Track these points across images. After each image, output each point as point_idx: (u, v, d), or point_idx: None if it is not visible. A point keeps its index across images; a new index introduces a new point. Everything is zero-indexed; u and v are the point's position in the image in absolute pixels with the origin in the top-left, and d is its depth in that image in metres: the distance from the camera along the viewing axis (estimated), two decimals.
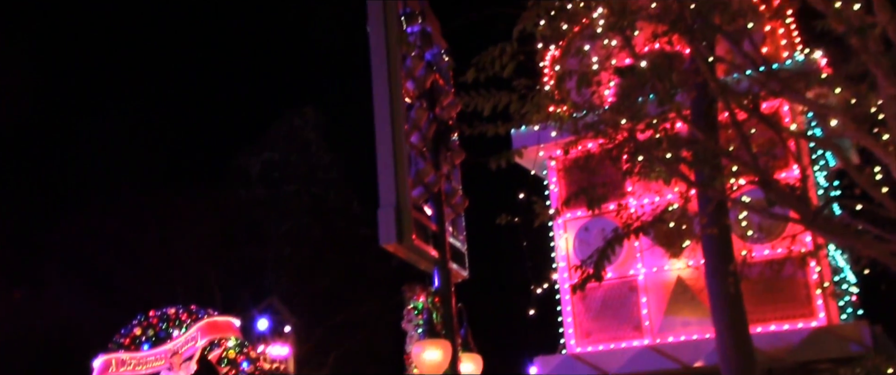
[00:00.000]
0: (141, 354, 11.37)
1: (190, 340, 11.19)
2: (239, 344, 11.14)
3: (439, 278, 9.53)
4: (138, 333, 11.64)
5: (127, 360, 11.37)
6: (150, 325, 11.67)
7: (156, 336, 11.50)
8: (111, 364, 11.53)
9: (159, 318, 11.63)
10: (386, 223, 8.87)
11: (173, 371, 9.54)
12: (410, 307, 10.22)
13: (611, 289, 12.33)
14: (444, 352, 9.04)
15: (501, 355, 24.36)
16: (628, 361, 11.80)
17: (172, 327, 11.50)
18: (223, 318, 11.64)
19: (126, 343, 11.64)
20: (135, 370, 11.31)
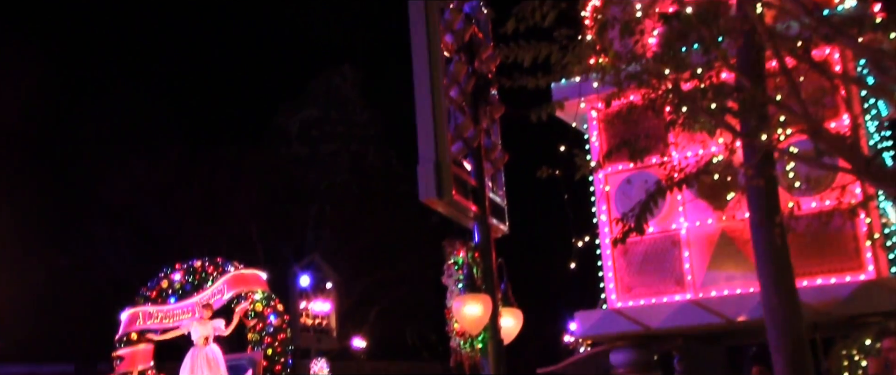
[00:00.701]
0: (167, 307, 11.23)
1: (216, 293, 10.91)
2: (266, 297, 10.93)
3: (479, 233, 9.52)
4: (165, 286, 11.54)
5: (154, 313, 11.22)
6: (177, 278, 11.59)
7: (182, 289, 11.15)
8: (138, 316, 11.35)
9: (186, 271, 11.48)
10: (426, 178, 8.87)
11: (202, 325, 9.50)
12: (451, 262, 10.20)
13: (653, 244, 12.19)
14: (485, 307, 9.07)
15: (541, 310, 24.50)
16: (670, 316, 11.71)
17: (199, 280, 11.41)
18: (250, 271, 11.48)
19: (153, 296, 11.49)
20: (162, 322, 11.24)
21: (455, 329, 10.21)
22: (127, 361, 11.32)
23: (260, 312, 11.09)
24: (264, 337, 10.83)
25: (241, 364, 10.44)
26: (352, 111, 30.85)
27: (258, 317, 11.09)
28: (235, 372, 10.26)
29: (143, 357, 11.50)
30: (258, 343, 10.92)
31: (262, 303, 11.08)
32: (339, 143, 30.22)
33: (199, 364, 9.24)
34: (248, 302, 11.19)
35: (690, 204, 11.62)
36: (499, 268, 9.67)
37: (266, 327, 10.90)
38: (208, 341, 9.45)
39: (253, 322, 11.12)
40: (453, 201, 9.01)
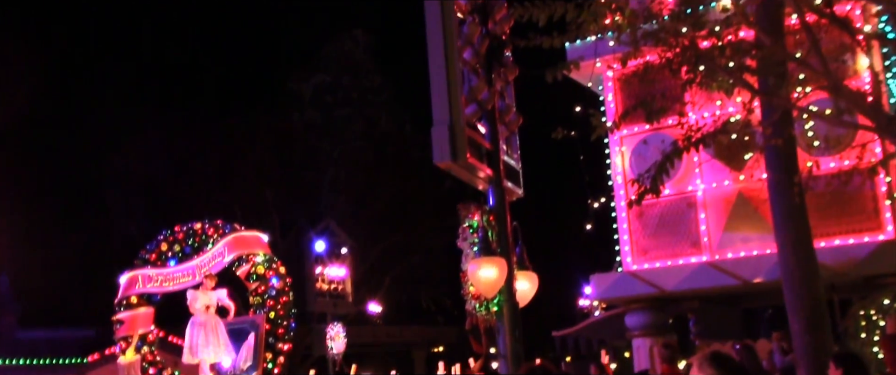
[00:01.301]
0: (167, 270, 10.88)
1: (217, 256, 10.53)
2: (267, 260, 10.58)
3: (494, 196, 9.50)
4: (164, 249, 10.98)
5: (153, 276, 10.89)
6: (176, 241, 10.96)
7: (182, 252, 10.88)
8: (137, 280, 11.02)
9: (185, 234, 10.93)
10: (440, 141, 8.82)
11: (204, 294, 9.24)
12: (466, 225, 10.18)
13: (668, 206, 12.14)
14: (500, 270, 9.07)
15: (556, 273, 24.51)
16: (686, 278, 11.69)
17: (199, 242, 11.00)
18: (251, 233, 10.88)
19: (152, 259, 11.05)
20: (162, 285, 10.96)
21: (470, 293, 10.24)
22: (127, 325, 10.90)
23: (262, 275, 10.50)
24: (266, 301, 10.33)
25: (243, 327, 10.18)
26: (365, 76, 30.70)
27: (260, 280, 10.53)
28: (238, 336, 9.95)
29: (143, 320, 10.96)
30: (260, 306, 10.38)
31: (263, 266, 10.51)
32: (352, 109, 30.11)
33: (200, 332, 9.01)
34: (249, 265, 10.76)
35: (707, 164, 11.53)
36: (514, 231, 9.65)
37: (268, 290, 10.39)
38: (209, 310, 9.12)
39: (255, 286, 10.55)
40: (468, 164, 8.97)
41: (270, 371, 10.40)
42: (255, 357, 9.99)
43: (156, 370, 11.12)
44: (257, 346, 9.96)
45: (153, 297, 11.33)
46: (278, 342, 10.35)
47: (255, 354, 9.96)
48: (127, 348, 9.85)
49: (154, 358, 10.99)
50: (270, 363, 10.20)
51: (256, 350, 9.91)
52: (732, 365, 3.59)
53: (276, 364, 10.41)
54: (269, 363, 10.16)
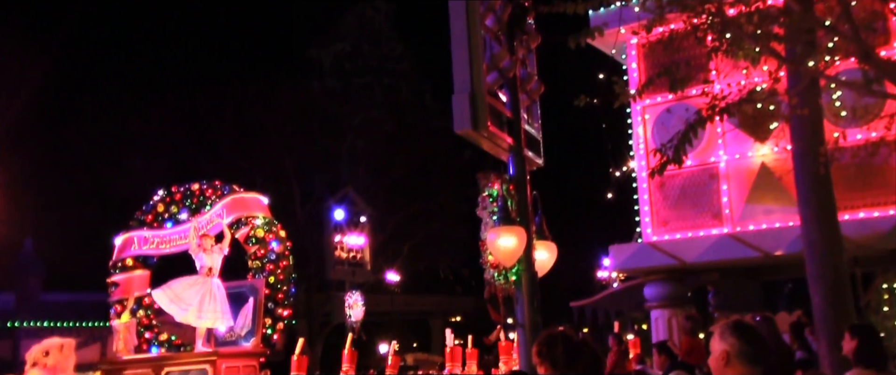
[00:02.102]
0: (164, 232, 10.49)
1: (215, 217, 10.12)
2: (267, 223, 10.17)
3: (514, 165, 9.43)
4: (161, 210, 10.58)
5: (149, 238, 10.51)
6: (173, 202, 10.55)
7: (179, 214, 10.47)
8: (133, 241, 10.65)
9: (183, 194, 10.51)
10: (460, 109, 8.75)
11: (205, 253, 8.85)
12: (485, 194, 10.13)
13: (690, 177, 12.02)
14: (519, 239, 9.03)
15: (575, 244, 24.51)
16: (706, 249, 11.61)
17: (196, 204, 10.38)
18: (250, 195, 10.47)
19: (148, 220, 10.62)
20: (158, 248, 10.55)
21: (489, 262, 10.22)
22: (122, 287, 10.47)
23: (261, 238, 10.07)
24: (266, 265, 9.96)
25: (242, 292, 9.62)
26: (385, 44, 30.57)
27: (259, 244, 10.10)
28: (237, 301, 9.42)
29: (139, 283, 10.65)
30: (259, 270, 10.00)
31: (263, 229, 10.09)
32: (372, 77, 30.03)
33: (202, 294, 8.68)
34: (249, 228, 10.09)
35: (730, 135, 11.39)
36: (533, 201, 9.60)
37: (267, 254, 9.99)
38: (212, 272, 8.64)
39: (254, 249, 10.13)
40: (488, 133, 8.90)
41: (269, 336, 9.86)
42: (254, 322, 9.49)
43: (152, 334, 10.65)
44: (256, 311, 9.55)
45: (149, 260, 10.80)
46: (278, 307, 9.94)
47: (253, 319, 9.50)
48: (122, 311, 9.61)
49: (150, 322, 10.70)
50: (270, 328, 9.82)
51: (255, 315, 9.53)
52: (755, 334, 3.50)
53: (275, 330, 9.97)
54: (268, 328, 9.76)
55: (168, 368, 8.15)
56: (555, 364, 4.30)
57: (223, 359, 8.16)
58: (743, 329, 3.46)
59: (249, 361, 8.74)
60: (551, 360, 4.29)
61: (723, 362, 3.43)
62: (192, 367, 8.12)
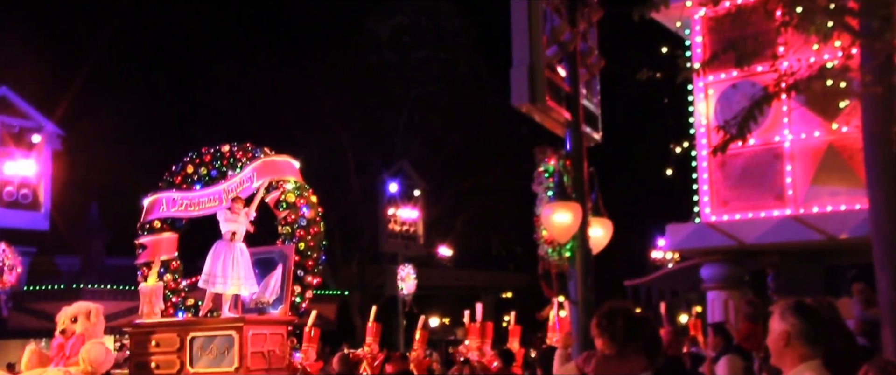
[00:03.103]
0: (193, 194, 10.10)
1: (245, 180, 9.72)
2: (298, 187, 9.75)
3: (571, 141, 9.33)
4: (190, 171, 10.14)
5: (177, 200, 10.16)
6: (203, 163, 10.13)
7: (209, 176, 10.05)
8: (161, 203, 10.29)
9: (213, 156, 10.10)
10: (518, 82, 8.68)
11: (233, 215, 8.42)
12: (541, 170, 10.05)
13: (753, 156, 11.72)
14: (574, 215, 8.95)
15: (630, 223, 24.22)
16: (767, 231, 11.35)
17: (227, 166, 9.96)
18: (282, 158, 10.02)
19: (177, 182, 10.23)
20: (186, 210, 10.18)
21: (543, 237, 10.16)
22: (150, 250, 10.14)
23: (292, 203, 9.63)
24: (296, 231, 9.53)
25: (271, 258, 9.22)
26: (443, 17, 30.46)
27: (290, 209, 9.64)
28: (265, 267, 9.09)
29: (167, 246, 10.31)
30: (289, 236, 9.58)
31: (294, 194, 9.64)
32: (429, 51, 29.99)
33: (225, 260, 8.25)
34: (279, 192, 9.63)
35: (796, 113, 11.06)
36: (590, 177, 9.50)
37: (298, 219, 9.54)
38: (236, 237, 8.37)
39: (284, 214, 9.67)
40: (546, 107, 8.82)
41: (298, 305, 9.41)
42: (282, 289, 9.09)
43: (178, 298, 10.27)
44: (285, 278, 9.16)
45: (177, 222, 10.40)
46: (307, 275, 9.48)
47: (282, 287, 9.10)
48: (148, 274, 9.36)
49: (177, 286, 10.35)
50: (298, 297, 9.36)
51: (284, 282, 9.14)
52: (817, 315, 3.34)
53: (303, 299, 9.44)
54: (296, 296, 9.32)
55: (194, 333, 7.95)
56: (614, 338, 4.26)
57: (249, 326, 7.92)
58: (804, 310, 3.34)
59: (277, 328, 8.46)
60: (611, 333, 4.25)
61: (783, 342, 3.29)
62: (217, 333, 7.90)
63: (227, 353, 7.77)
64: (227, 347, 7.78)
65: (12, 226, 20.05)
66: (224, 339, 7.79)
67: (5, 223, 19.96)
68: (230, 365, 7.69)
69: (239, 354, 7.73)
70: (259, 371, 7.96)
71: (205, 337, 7.88)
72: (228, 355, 7.76)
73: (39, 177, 20.90)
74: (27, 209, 20.44)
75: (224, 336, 7.81)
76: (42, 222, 21.43)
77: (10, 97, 21.20)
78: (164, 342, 7.99)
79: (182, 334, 7.93)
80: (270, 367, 8.10)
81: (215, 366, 7.57)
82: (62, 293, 17.99)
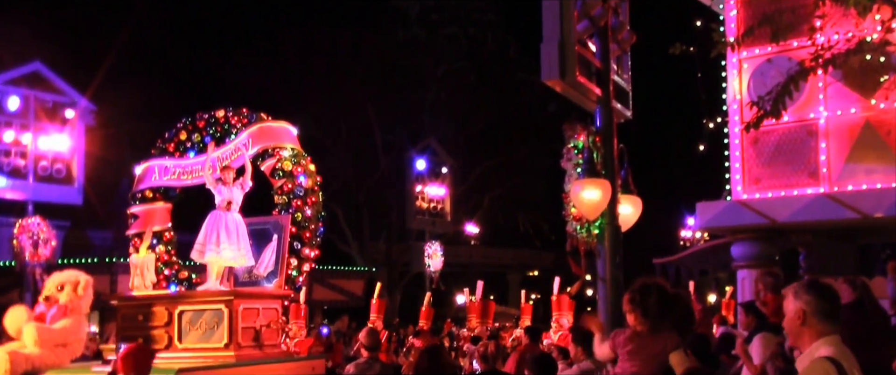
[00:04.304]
0: (186, 162, 9.64)
1: (240, 147, 9.28)
2: (296, 155, 9.30)
3: (601, 117, 9.23)
4: (183, 138, 9.72)
5: (170, 168, 9.73)
6: (196, 129, 9.73)
7: (202, 143, 9.57)
8: (153, 171, 9.87)
9: (207, 122, 9.70)
10: (548, 57, 8.58)
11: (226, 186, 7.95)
12: (570, 146, 9.96)
13: (786, 133, 11.51)
14: (604, 192, 8.87)
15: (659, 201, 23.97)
16: (801, 209, 11.16)
17: (221, 132, 9.56)
18: (278, 124, 9.56)
19: (170, 149, 9.83)
20: (179, 179, 9.69)
21: (572, 214, 10.10)
22: (142, 220, 9.77)
23: (288, 171, 9.16)
24: (293, 200, 9.08)
25: (266, 229, 8.79)
26: None
27: (286, 177, 9.17)
28: (259, 238, 8.65)
29: (160, 217, 9.92)
30: (285, 206, 9.13)
31: (290, 161, 9.18)
32: (457, 28, 29.82)
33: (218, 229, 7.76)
34: (275, 159, 9.19)
35: (832, 89, 10.83)
36: (620, 154, 9.40)
37: (295, 188, 9.08)
38: (231, 207, 7.87)
39: (280, 183, 9.21)
40: (576, 82, 8.73)
41: (294, 278, 8.98)
42: (278, 262, 8.65)
43: (171, 271, 9.91)
44: (280, 251, 8.71)
45: (170, 192, 9.98)
46: (304, 247, 9.02)
47: (277, 259, 8.67)
48: (140, 245, 8.96)
49: (170, 259, 10.00)
50: (295, 270, 8.96)
51: (279, 254, 8.70)
52: (830, 292, 3.38)
53: (300, 272, 9.04)
54: (293, 270, 8.91)
55: (181, 306, 7.48)
56: (646, 313, 4.23)
57: (241, 300, 7.44)
58: (818, 287, 3.39)
59: (270, 303, 7.91)
60: (643, 309, 4.23)
61: (799, 321, 3.32)
62: (206, 307, 7.41)
63: (216, 328, 7.33)
64: (216, 322, 7.33)
65: (46, 200, 20.39)
66: (213, 313, 7.34)
67: (40, 197, 20.30)
68: (220, 341, 7.21)
69: (228, 329, 7.25)
70: (250, 347, 7.45)
71: (193, 311, 7.42)
72: (218, 330, 7.31)
73: (73, 152, 21.18)
74: (61, 183, 20.75)
75: (213, 311, 7.34)
76: (75, 196, 21.75)
77: (44, 72, 21.46)
78: (151, 316, 7.52)
79: (170, 307, 7.46)
80: (263, 343, 7.61)
81: (204, 341, 7.05)
82: (95, 266, 18.28)
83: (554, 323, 12.00)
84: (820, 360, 3.21)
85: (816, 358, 3.23)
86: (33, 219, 17.49)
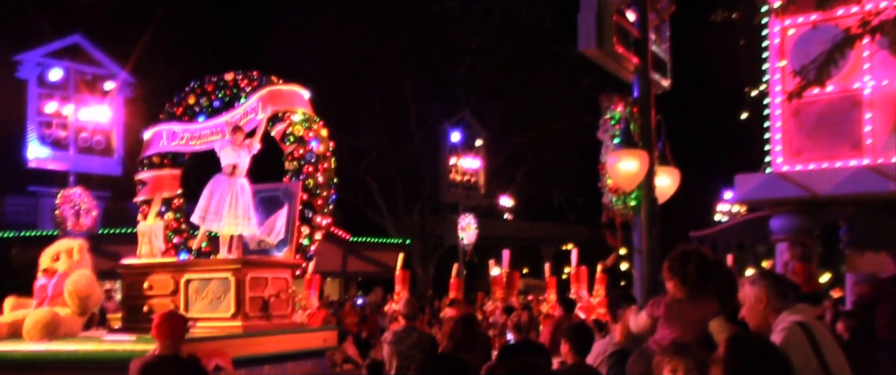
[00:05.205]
0: (195, 126, 9.32)
1: (249, 112, 8.95)
2: (307, 119, 8.97)
3: (638, 87, 9.13)
4: (192, 102, 9.46)
5: (179, 132, 9.40)
6: (205, 93, 9.46)
7: (211, 107, 9.37)
8: (161, 136, 9.55)
9: (215, 85, 9.42)
10: (585, 27, 8.49)
11: (236, 150, 7.70)
12: (607, 117, 9.91)
13: (830, 104, 11.27)
14: (641, 163, 8.79)
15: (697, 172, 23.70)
16: (843, 182, 10.96)
17: (230, 96, 9.32)
18: (289, 87, 9.24)
19: (178, 114, 9.54)
20: (188, 144, 9.36)
21: (608, 186, 10.05)
22: (150, 186, 9.52)
23: (299, 136, 8.82)
24: (304, 166, 8.75)
25: (275, 196, 8.55)
26: None
27: (297, 142, 8.82)
28: (269, 205, 8.41)
29: (169, 183, 9.66)
30: (296, 173, 8.78)
31: (302, 126, 8.84)
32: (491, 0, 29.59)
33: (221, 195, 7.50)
34: (286, 124, 8.87)
35: (879, 57, 10.56)
36: (657, 125, 9.30)
37: (306, 154, 8.75)
38: (237, 171, 7.61)
39: (291, 148, 8.86)
40: (613, 52, 8.64)
41: (305, 248, 8.60)
42: (288, 231, 8.30)
43: (181, 239, 9.58)
44: (291, 218, 8.38)
45: (179, 157, 9.67)
46: (316, 215, 8.66)
47: (287, 227, 8.32)
48: (148, 212, 8.48)
49: (179, 226, 9.66)
50: (306, 239, 8.60)
51: (289, 222, 8.37)
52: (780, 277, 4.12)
53: (312, 241, 8.64)
54: (304, 239, 8.56)
55: (188, 275, 7.28)
56: (685, 281, 4.19)
57: (249, 269, 7.19)
58: (767, 274, 3.97)
59: (279, 272, 7.66)
60: (682, 276, 4.18)
61: (762, 305, 3.73)
62: (214, 276, 7.19)
63: (223, 297, 7.09)
64: (223, 291, 7.11)
65: (87, 171, 20.74)
66: (220, 283, 7.10)
67: (81, 168, 20.65)
68: (226, 311, 6.99)
69: (236, 299, 7.01)
70: (258, 317, 7.21)
71: (200, 280, 7.20)
72: (225, 299, 7.08)
73: (112, 124, 21.49)
74: (101, 155, 21.09)
75: (220, 280, 7.10)
76: (115, 167, 22.10)
77: (84, 45, 21.74)
78: (157, 284, 7.34)
79: (176, 276, 7.26)
80: (271, 314, 7.34)
81: (211, 311, 6.85)
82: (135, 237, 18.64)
83: (573, 295, 12.00)
84: (791, 324, 3.62)
85: (788, 324, 3.62)
86: (75, 190, 17.82)
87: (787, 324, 3.66)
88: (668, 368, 3.42)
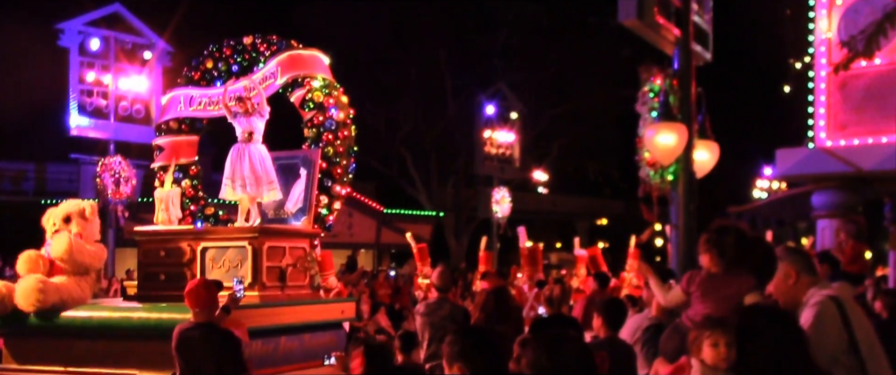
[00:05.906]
0: (213, 91, 9.14)
1: (268, 77, 8.79)
2: (327, 85, 8.71)
3: (679, 59, 8.94)
4: (209, 66, 9.25)
5: (197, 97, 9.25)
6: (223, 57, 9.29)
7: (229, 71, 9.19)
8: (178, 101, 9.39)
9: (233, 50, 9.23)
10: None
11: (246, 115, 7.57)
12: (646, 89, 9.71)
13: (877, 77, 10.93)
14: (680, 137, 8.63)
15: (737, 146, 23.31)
16: (888, 157, 10.67)
17: (249, 60, 9.15)
18: (309, 52, 8.98)
19: (196, 78, 9.34)
20: (205, 109, 9.19)
21: (645, 159, 9.88)
22: (167, 152, 9.30)
23: (319, 103, 8.57)
24: (323, 134, 8.51)
25: (294, 163, 8.37)
26: None
27: (317, 109, 8.58)
28: (287, 173, 8.24)
29: (186, 149, 9.44)
30: (315, 140, 8.56)
31: (321, 92, 8.59)
32: None
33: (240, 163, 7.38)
34: (305, 90, 8.66)
35: None
36: (697, 98, 9.11)
37: (326, 121, 8.52)
38: (252, 137, 7.45)
39: (310, 115, 8.61)
40: (654, 23, 8.46)
41: (324, 217, 8.41)
42: (307, 199, 8.15)
43: (197, 206, 9.39)
44: (309, 187, 8.22)
45: (197, 123, 9.43)
46: (335, 183, 8.45)
47: (306, 196, 8.17)
48: (164, 179, 8.22)
49: (195, 194, 9.44)
50: (325, 208, 8.40)
51: (308, 191, 8.21)
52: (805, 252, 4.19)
53: (331, 211, 8.47)
54: (323, 208, 8.36)
55: (204, 243, 7.12)
56: (722, 254, 4.10)
57: (266, 238, 7.03)
58: (792, 250, 4.00)
59: (297, 242, 7.47)
60: (719, 250, 4.09)
61: (792, 281, 3.75)
62: (230, 244, 7.06)
63: (240, 267, 6.97)
64: (240, 260, 6.99)
65: (126, 140, 21.00)
66: (237, 251, 6.98)
67: (120, 136, 20.91)
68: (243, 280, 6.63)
69: (253, 268, 6.86)
70: (275, 287, 7.09)
71: (216, 249, 7.07)
72: (241, 269, 6.95)
73: (151, 93, 21.67)
74: (140, 123, 21.28)
75: (237, 248, 6.98)
76: (153, 136, 22.34)
77: (123, 14, 21.91)
78: (173, 252, 7.19)
79: (193, 244, 7.10)
80: (288, 284, 7.21)
81: (227, 281, 6.64)
82: None
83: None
84: (824, 299, 3.62)
85: (821, 298, 3.62)
86: (115, 158, 18.05)
87: (820, 298, 3.63)
88: (708, 342, 3.35)
